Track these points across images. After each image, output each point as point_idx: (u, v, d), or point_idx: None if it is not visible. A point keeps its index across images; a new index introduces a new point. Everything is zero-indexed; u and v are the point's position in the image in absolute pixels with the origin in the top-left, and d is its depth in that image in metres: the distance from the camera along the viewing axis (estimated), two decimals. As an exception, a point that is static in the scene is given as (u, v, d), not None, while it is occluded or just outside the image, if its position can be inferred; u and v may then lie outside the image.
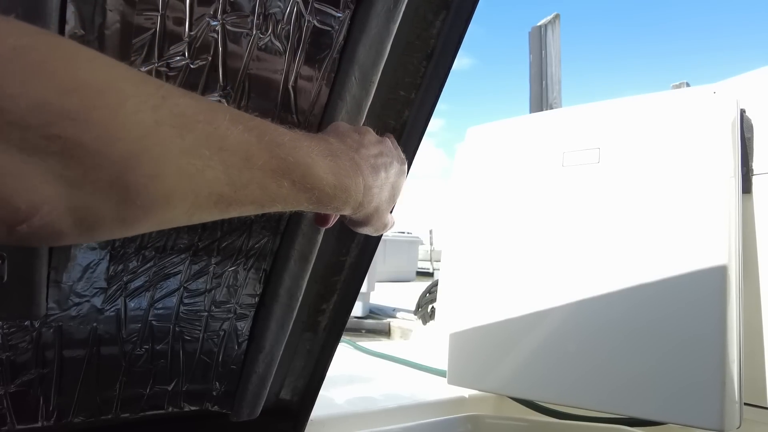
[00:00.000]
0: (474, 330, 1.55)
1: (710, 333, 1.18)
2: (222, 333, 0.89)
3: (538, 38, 3.35)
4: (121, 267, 0.74)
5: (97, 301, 0.76)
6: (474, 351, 1.54)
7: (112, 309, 0.78)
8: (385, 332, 3.98)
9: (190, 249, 0.77)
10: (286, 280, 0.86)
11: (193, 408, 0.99)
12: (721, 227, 1.21)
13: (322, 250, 0.92)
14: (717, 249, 1.20)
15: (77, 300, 0.75)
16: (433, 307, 2.32)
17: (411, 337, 3.03)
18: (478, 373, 1.53)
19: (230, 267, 0.82)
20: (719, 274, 1.20)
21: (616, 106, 1.45)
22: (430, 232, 14.58)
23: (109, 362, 0.84)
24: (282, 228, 0.82)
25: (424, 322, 2.29)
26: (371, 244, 0.99)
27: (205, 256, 0.79)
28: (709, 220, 1.22)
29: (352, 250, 1.00)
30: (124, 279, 0.75)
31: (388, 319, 4.27)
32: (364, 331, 4.14)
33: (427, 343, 2.29)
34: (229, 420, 1.09)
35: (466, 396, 1.61)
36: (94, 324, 0.79)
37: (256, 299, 0.88)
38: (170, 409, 0.97)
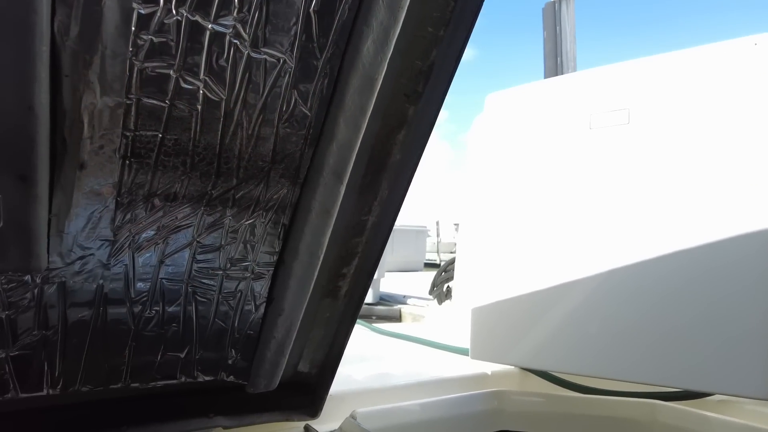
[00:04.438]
0: (498, 304, 1.48)
1: (757, 297, 1.10)
2: (238, 294, 0.83)
3: (552, 14, 3.24)
4: (128, 216, 0.67)
5: (103, 255, 0.70)
6: (498, 325, 1.48)
7: (119, 264, 0.72)
8: (396, 318, 3.93)
9: (204, 198, 0.70)
10: (307, 235, 0.80)
11: (207, 378, 0.92)
12: (766, 185, 1.13)
13: (342, 208, 0.85)
14: (761, 208, 1.13)
15: (81, 253, 0.68)
16: (449, 286, 2.25)
17: (424, 320, 2.98)
18: (503, 346, 1.46)
19: (247, 220, 0.76)
20: (764, 236, 1.12)
21: (647, 64, 1.37)
22: (437, 223, 14.51)
23: (116, 325, 0.78)
24: (302, 178, 0.76)
25: (440, 301, 2.22)
26: (395, 203, 0.92)
27: (219, 206, 0.72)
28: (753, 177, 1.14)
29: (375, 209, 0.93)
30: (132, 230, 0.69)
31: (399, 306, 4.22)
32: (374, 318, 4.09)
33: (442, 323, 2.22)
34: (245, 392, 1.03)
35: (489, 372, 1.55)
36: (100, 281, 0.73)
37: (275, 257, 0.82)
38: (183, 378, 0.91)
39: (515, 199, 1.53)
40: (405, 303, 4.25)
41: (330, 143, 0.72)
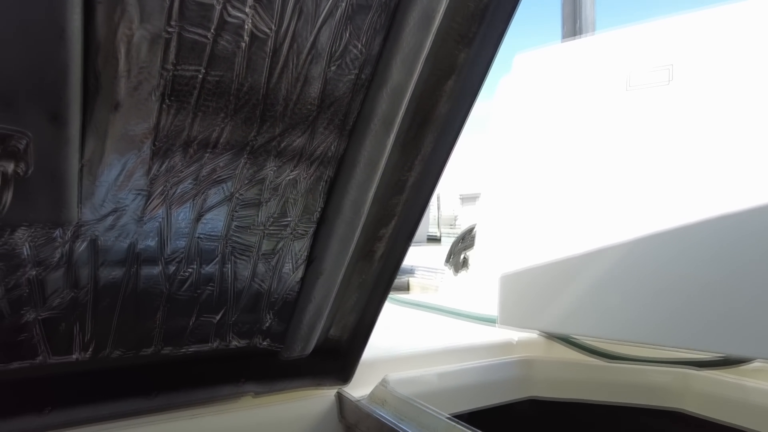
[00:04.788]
0: (527, 271, 1.44)
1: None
2: (277, 254, 0.78)
3: (570, -24, 3.11)
4: (164, 165, 0.62)
5: (137, 209, 0.64)
6: (527, 292, 1.44)
7: (153, 220, 0.67)
8: (404, 288, 3.91)
9: (245, 147, 0.65)
10: (352, 191, 0.74)
11: (241, 343, 0.88)
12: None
13: (383, 164, 0.79)
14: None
15: (114, 206, 0.63)
16: (465, 256, 2.21)
17: (437, 290, 2.95)
18: (532, 313, 1.43)
19: (290, 173, 0.70)
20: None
21: (691, 20, 1.29)
22: (438, 197, 14.45)
23: (149, 286, 0.73)
24: (349, 126, 0.69)
25: (456, 271, 2.19)
26: (439, 160, 0.86)
27: (261, 157, 0.67)
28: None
29: (417, 166, 0.87)
30: (168, 182, 0.63)
31: (407, 277, 4.20)
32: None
33: (459, 292, 2.19)
34: (276, 358, 0.99)
35: (514, 340, 1.52)
36: (133, 238, 0.67)
37: (317, 215, 0.76)
38: (216, 343, 0.87)
39: (544, 164, 1.47)
40: (413, 274, 4.22)
41: (381, 87, 0.65)
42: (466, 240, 2.12)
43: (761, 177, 1.14)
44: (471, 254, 2.12)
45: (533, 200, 1.48)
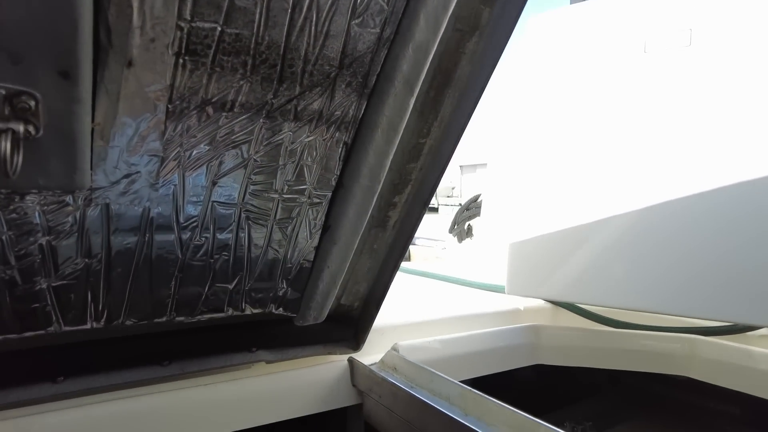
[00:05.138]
0: (536, 239, 1.43)
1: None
2: (293, 221, 0.76)
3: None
4: (179, 127, 0.59)
5: (151, 173, 0.62)
6: (536, 260, 1.43)
7: (167, 185, 0.64)
8: (406, 258, 3.94)
9: (263, 108, 0.62)
10: (370, 156, 0.71)
11: (255, 311, 0.87)
12: None
13: (400, 127, 0.76)
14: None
15: (127, 170, 0.60)
16: (470, 224, 2.20)
17: (441, 260, 2.96)
18: (539, 281, 1.42)
19: (308, 136, 0.67)
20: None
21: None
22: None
23: (163, 253, 0.71)
24: (370, 87, 0.66)
25: (460, 239, 2.18)
26: (457, 125, 0.84)
27: (279, 119, 0.64)
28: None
29: (434, 130, 0.84)
30: (183, 144, 0.61)
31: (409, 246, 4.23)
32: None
33: (464, 260, 2.19)
34: (288, 326, 0.99)
35: (521, 308, 1.52)
36: (147, 204, 0.65)
37: (334, 180, 0.74)
38: (230, 311, 0.86)
39: (555, 131, 1.44)
40: (414, 243, 4.24)
41: (405, 45, 0.62)
42: (470, 209, 2.10)
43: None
44: (475, 223, 2.11)
45: (543, 168, 1.46)
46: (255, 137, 0.63)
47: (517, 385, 1.56)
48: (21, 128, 0.48)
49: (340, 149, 0.71)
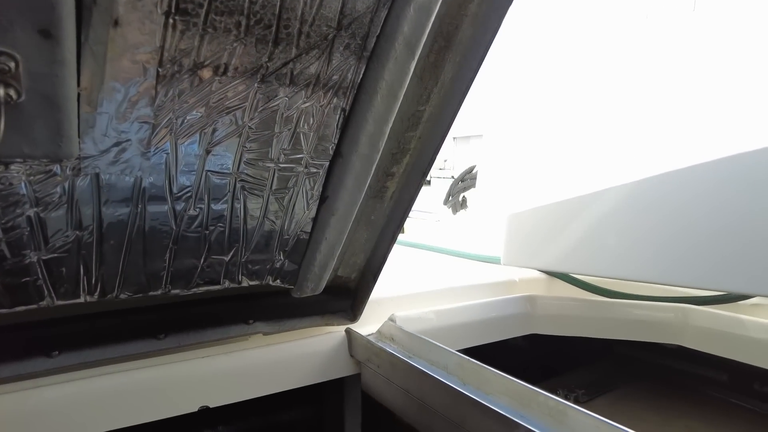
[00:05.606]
0: (531, 210, 1.42)
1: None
2: (290, 191, 0.74)
3: None
4: (170, 92, 0.56)
5: (142, 141, 0.59)
6: (531, 231, 1.43)
7: (159, 153, 0.62)
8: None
9: (258, 72, 0.59)
10: (369, 123, 0.69)
11: (252, 283, 0.86)
12: None
13: (399, 94, 0.74)
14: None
15: (117, 138, 0.58)
16: (464, 196, 2.19)
17: (436, 230, 2.95)
18: (535, 252, 1.42)
19: (304, 103, 0.65)
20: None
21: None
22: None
23: (156, 225, 0.69)
24: (369, 50, 0.64)
25: (455, 211, 2.17)
26: (458, 91, 0.81)
27: (275, 83, 0.61)
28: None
29: (434, 97, 0.82)
30: (175, 111, 0.58)
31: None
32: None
33: (459, 232, 2.19)
34: (285, 298, 0.98)
35: (517, 279, 1.53)
36: (138, 174, 0.63)
37: (331, 149, 0.72)
38: (226, 284, 0.84)
39: (554, 101, 1.42)
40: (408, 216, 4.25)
41: (407, 4, 0.59)
42: (465, 180, 2.09)
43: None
44: (470, 195, 2.09)
45: (540, 139, 1.44)
46: (249, 103, 0.61)
47: (513, 354, 1.58)
48: (1, 92, 0.45)
49: (337, 116, 0.68)
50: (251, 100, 0.61)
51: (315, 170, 0.73)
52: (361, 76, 0.65)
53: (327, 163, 0.73)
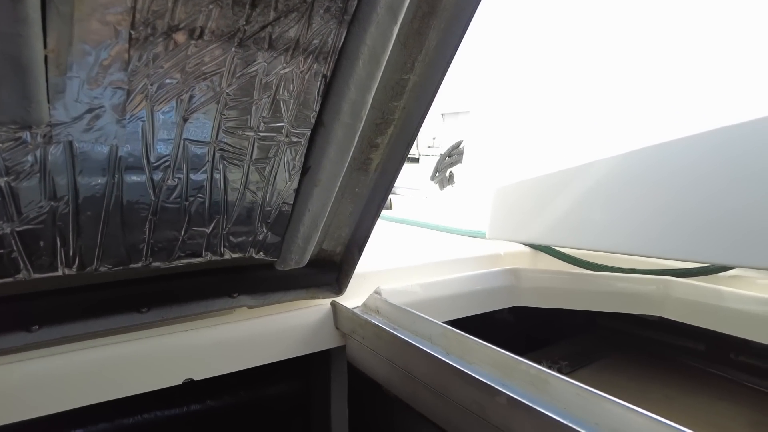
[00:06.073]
0: (517, 184, 1.43)
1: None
2: (271, 161, 0.72)
3: None
4: (144, 56, 0.54)
5: (116, 108, 0.57)
6: (516, 205, 1.43)
7: (135, 121, 0.60)
8: (387, 207, 3.93)
9: (235, 36, 0.57)
10: (351, 91, 0.68)
11: (235, 256, 0.85)
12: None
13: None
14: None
15: (89, 104, 0.56)
16: (451, 171, 2.19)
17: (424, 207, 2.96)
18: (520, 226, 1.43)
19: (283, 68, 0.63)
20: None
21: None
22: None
23: (135, 195, 0.68)
24: (350, 13, 0.62)
25: (442, 186, 2.17)
26: (442, 59, 0.80)
27: (252, 48, 0.59)
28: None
29: (418, 65, 0.80)
30: (150, 76, 0.56)
31: (389, 195, 4.21)
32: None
33: (446, 207, 2.19)
34: (270, 271, 0.97)
35: (501, 253, 1.54)
36: (114, 142, 0.61)
37: (313, 117, 0.71)
38: (209, 256, 0.83)
39: (540, 77, 1.41)
40: (395, 193, 4.23)
41: (388, -33, 0.57)
42: (452, 155, 2.08)
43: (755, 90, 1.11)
44: (457, 170, 2.09)
45: (526, 114, 1.43)
46: (227, 68, 0.59)
47: (498, 327, 1.61)
48: (-37, 52, 0.43)
49: (318, 83, 0.67)
50: (228, 65, 0.59)
51: (296, 139, 0.72)
52: (342, 40, 0.64)
53: (308, 132, 0.72)
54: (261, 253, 0.86)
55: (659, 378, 1.43)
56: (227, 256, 0.84)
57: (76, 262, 0.72)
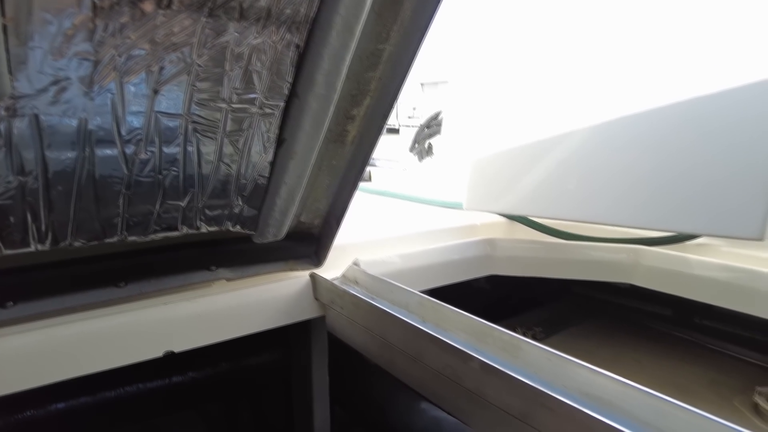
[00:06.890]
0: (493, 155, 1.44)
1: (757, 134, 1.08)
2: (245, 134, 0.72)
3: None
4: (110, 26, 0.53)
5: (83, 80, 0.56)
6: (493, 176, 1.45)
7: (104, 93, 0.59)
8: (366, 179, 3.93)
9: (205, 6, 0.56)
10: (325, 61, 0.67)
11: (211, 229, 0.85)
12: None
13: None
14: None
15: (54, 75, 0.54)
16: (430, 143, 2.19)
17: (404, 178, 2.97)
18: (496, 196, 1.45)
19: (255, 38, 0.62)
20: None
21: None
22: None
23: (107, 169, 0.67)
24: (322, -18, 0.61)
25: (421, 158, 2.18)
26: (418, 27, 0.79)
27: (223, 17, 0.58)
28: None
29: (393, 34, 0.79)
30: (118, 46, 0.55)
31: (368, 168, 4.19)
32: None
33: (424, 179, 2.20)
34: (248, 243, 0.98)
35: (478, 224, 1.56)
36: (83, 115, 0.60)
37: (287, 88, 0.70)
38: (185, 230, 0.83)
39: (515, 48, 1.41)
40: (374, 165, 4.22)
41: (360, -66, 0.56)
42: (431, 126, 2.08)
43: (719, 64, 1.13)
44: (435, 141, 2.09)
45: (502, 84, 1.44)
46: (197, 39, 0.58)
47: (475, 295, 1.65)
48: None
49: (291, 53, 0.66)
50: (199, 35, 0.58)
51: (270, 111, 0.71)
52: (315, 10, 0.63)
53: (282, 104, 0.72)
54: (238, 227, 0.86)
55: (630, 343, 1.49)
56: (204, 230, 0.84)
57: (49, 237, 0.71)
